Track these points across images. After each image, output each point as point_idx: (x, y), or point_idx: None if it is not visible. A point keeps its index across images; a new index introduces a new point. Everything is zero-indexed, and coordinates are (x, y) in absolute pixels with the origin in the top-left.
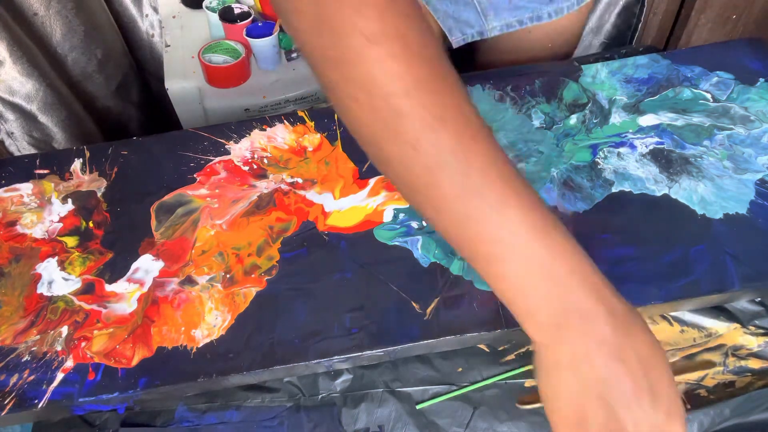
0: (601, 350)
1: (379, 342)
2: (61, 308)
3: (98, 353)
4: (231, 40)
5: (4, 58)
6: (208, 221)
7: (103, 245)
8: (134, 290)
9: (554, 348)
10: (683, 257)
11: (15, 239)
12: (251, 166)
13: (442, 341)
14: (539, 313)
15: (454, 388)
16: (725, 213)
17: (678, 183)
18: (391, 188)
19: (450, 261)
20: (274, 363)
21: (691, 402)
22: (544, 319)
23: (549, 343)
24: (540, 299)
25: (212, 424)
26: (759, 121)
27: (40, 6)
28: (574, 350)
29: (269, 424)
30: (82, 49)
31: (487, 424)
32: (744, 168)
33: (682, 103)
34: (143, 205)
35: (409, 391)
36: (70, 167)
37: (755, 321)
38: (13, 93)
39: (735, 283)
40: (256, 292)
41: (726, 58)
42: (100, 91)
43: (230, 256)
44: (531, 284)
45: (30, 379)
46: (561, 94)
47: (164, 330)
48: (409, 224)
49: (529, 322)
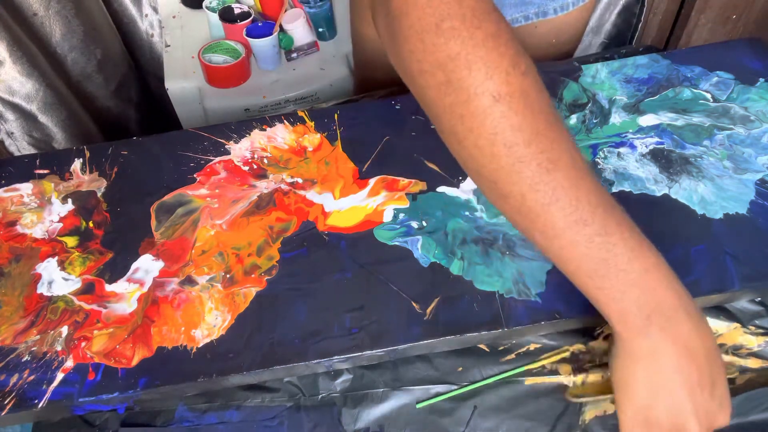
0: (677, 346)
1: (379, 342)
2: (61, 308)
3: (98, 353)
4: (231, 40)
5: (4, 58)
6: (208, 221)
7: (103, 245)
8: (134, 290)
9: (636, 341)
10: (683, 257)
11: (15, 239)
12: (251, 166)
13: (442, 341)
14: (629, 314)
15: (454, 388)
16: (725, 213)
17: (678, 183)
18: (391, 188)
19: (450, 261)
20: (274, 363)
21: None
22: (632, 319)
23: (633, 338)
24: (631, 303)
25: (212, 423)
26: (759, 121)
27: (39, 6)
28: (654, 345)
29: (269, 423)
30: (82, 50)
31: (488, 423)
32: (744, 168)
33: (682, 103)
34: (143, 205)
35: (409, 391)
36: (70, 167)
37: (755, 321)
38: (13, 93)
39: (735, 283)
40: (256, 292)
41: (726, 58)
42: (100, 91)
43: (230, 256)
44: (626, 292)
45: (30, 379)
46: (561, 94)
47: (164, 330)
48: (409, 224)
49: (619, 320)
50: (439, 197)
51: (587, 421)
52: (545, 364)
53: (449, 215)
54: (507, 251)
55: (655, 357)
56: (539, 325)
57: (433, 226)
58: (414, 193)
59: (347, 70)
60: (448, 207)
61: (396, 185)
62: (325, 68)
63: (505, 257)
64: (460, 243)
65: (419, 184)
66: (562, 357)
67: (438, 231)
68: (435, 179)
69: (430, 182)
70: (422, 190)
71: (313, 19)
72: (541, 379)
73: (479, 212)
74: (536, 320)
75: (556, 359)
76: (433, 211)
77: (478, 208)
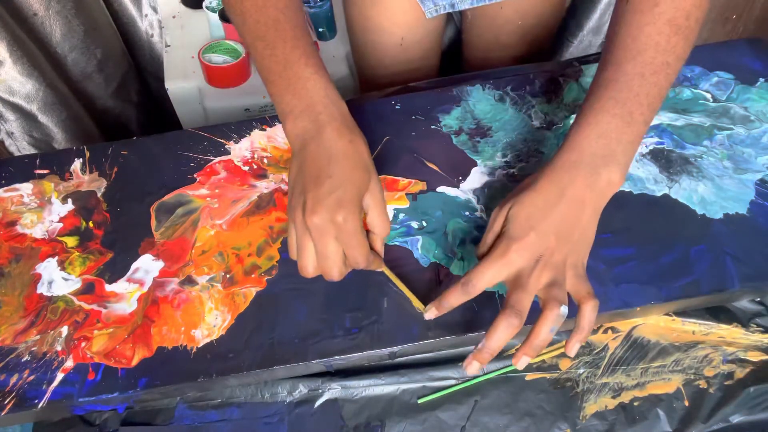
0: None
1: (379, 342)
2: (61, 308)
3: (98, 353)
4: (231, 40)
5: (4, 58)
6: (208, 221)
7: (103, 245)
8: (134, 290)
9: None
10: (683, 257)
11: (15, 239)
12: (251, 166)
13: (442, 341)
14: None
15: (455, 383)
16: (725, 213)
17: (678, 183)
18: (391, 188)
19: (450, 261)
20: (274, 363)
21: (690, 397)
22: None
23: (285, 128)
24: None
25: (213, 421)
26: (759, 121)
27: (39, 6)
28: None
29: (270, 420)
30: (82, 49)
31: (488, 417)
32: (744, 168)
33: (682, 103)
34: (143, 205)
35: (411, 386)
36: (70, 167)
37: (755, 320)
38: (13, 93)
39: (735, 283)
40: (256, 292)
41: (726, 58)
42: (100, 91)
43: (230, 256)
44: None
45: (30, 379)
46: (561, 94)
47: (164, 330)
48: (409, 224)
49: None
50: (439, 197)
51: (587, 415)
52: (545, 358)
53: (449, 215)
54: None
55: None
56: None
57: (433, 226)
58: (414, 193)
59: (347, 70)
60: (448, 207)
61: (396, 185)
62: None
63: None
64: (460, 243)
65: (419, 184)
66: (562, 352)
67: (438, 231)
68: (435, 179)
69: (430, 182)
70: (422, 190)
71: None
72: (542, 374)
73: (479, 212)
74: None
75: (556, 354)
76: (433, 211)
77: (478, 208)
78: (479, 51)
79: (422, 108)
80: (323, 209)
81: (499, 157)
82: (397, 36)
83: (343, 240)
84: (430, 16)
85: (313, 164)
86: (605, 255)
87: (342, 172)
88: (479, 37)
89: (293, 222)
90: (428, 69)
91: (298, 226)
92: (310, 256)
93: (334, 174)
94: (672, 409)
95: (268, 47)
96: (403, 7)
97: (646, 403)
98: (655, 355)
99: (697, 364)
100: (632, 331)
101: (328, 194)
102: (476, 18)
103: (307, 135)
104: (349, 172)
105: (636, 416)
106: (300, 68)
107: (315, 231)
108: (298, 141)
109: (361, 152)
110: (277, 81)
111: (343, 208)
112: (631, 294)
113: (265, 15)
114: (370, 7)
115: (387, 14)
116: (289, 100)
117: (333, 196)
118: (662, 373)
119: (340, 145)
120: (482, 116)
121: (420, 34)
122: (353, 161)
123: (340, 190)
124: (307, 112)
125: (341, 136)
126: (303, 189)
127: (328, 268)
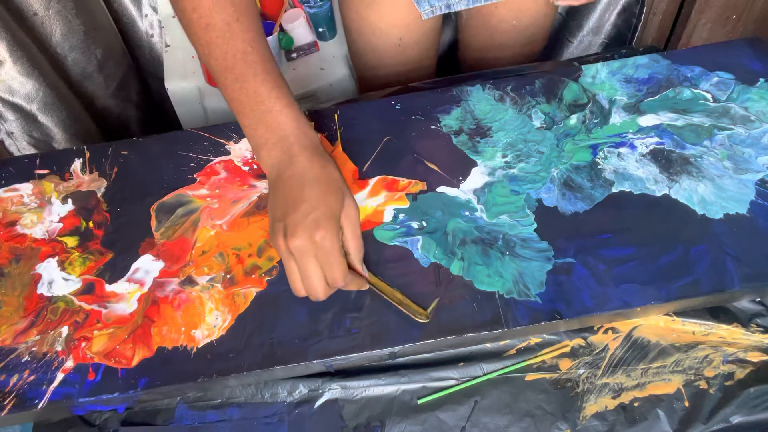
0: None
1: (379, 342)
2: (61, 308)
3: (98, 353)
4: None
5: (4, 58)
6: (208, 221)
7: (103, 245)
8: (134, 290)
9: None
10: (683, 257)
11: (15, 239)
12: (251, 166)
13: (442, 341)
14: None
15: (455, 383)
16: (725, 213)
17: (678, 183)
18: (391, 188)
19: (450, 261)
20: (274, 363)
21: (691, 398)
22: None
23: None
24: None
25: (213, 421)
26: (759, 121)
27: (40, 6)
28: None
29: (270, 420)
30: (82, 49)
31: (488, 418)
32: (744, 168)
33: (682, 103)
34: (143, 205)
35: (411, 386)
36: (70, 167)
37: (755, 321)
38: (13, 93)
39: (735, 283)
40: (256, 292)
41: (726, 58)
42: (100, 91)
43: (230, 256)
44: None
45: (30, 379)
46: (561, 94)
47: (164, 330)
48: (409, 224)
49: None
50: (439, 197)
51: (588, 416)
52: (545, 359)
53: (449, 215)
54: (507, 251)
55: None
56: (539, 326)
57: (433, 226)
58: (414, 193)
59: (347, 70)
60: (448, 207)
61: (396, 185)
62: (325, 68)
63: (505, 257)
64: (460, 243)
65: (419, 184)
66: (563, 352)
67: (438, 231)
68: (435, 179)
69: (430, 182)
70: (422, 190)
71: (313, 19)
72: (542, 374)
73: (479, 212)
74: (536, 320)
75: (556, 354)
76: (433, 211)
77: (478, 208)
78: (475, 51)
79: (422, 108)
80: (302, 231)
81: (499, 157)
82: (394, 37)
83: (321, 259)
84: (426, 17)
85: (289, 191)
86: (605, 255)
87: (316, 195)
88: (474, 37)
89: (277, 248)
90: (426, 70)
91: (281, 251)
92: (297, 278)
93: (309, 198)
94: (672, 409)
95: (238, 80)
96: (399, 9)
97: (647, 404)
98: (655, 355)
99: (697, 364)
100: (632, 331)
101: (305, 216)
102: (471, 18)
103: (281, 165)
104: (323, 195)
105: (636, 417)
106: (272, 102)
107: (296, 253)
108: (274, 171)
109: (334, 176)
110: (249, 114)
111: (320, 228)
112: (631, 294)
113: (233, 47)
114: (367, 8)
115: (383, 15)
116: (263, 133)
117: (310, 218)
118: (662, 373)
119: (312, 172)
120: (482, 116)
121: (417, 34)
122: (326, 185)
123: (317, 211)
124: (280, 143)
125: (313, 163)
126: (282, 215)
127: (312, 288)
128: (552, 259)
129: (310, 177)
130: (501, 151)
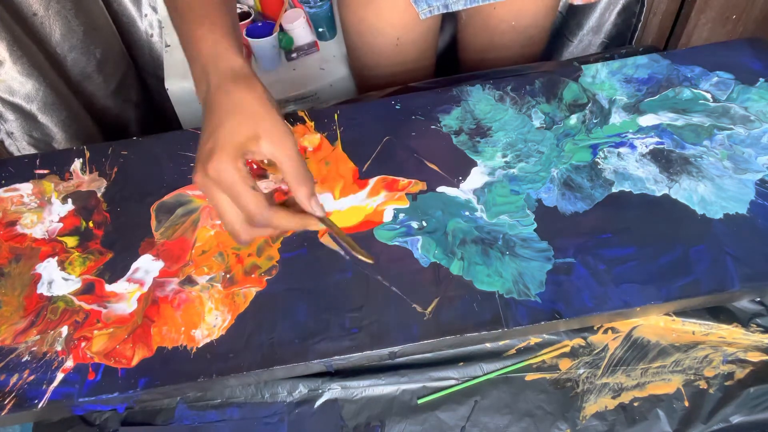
0: None
1: (379, 342)
2: (61, 308)
3: (98, 353)
4: None
5: (4, 58)
6: (208, 221)
7: (103, 245)
8: (134, 290)
9: None
10: (683, 257)
11: (15, 239)
12: (251, 166)
13: (442, 341)
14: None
15: (455, 383)
16: (725, 213)
17: (678, 183)
18: (391, 188)
19: (450, 261)
20: (274, 363)
21: (691, 398)
22: None
23: None
24: None
25: (213, 421)
26: (759, 121)
27: (39, 6)
28: None
29: (270, 420)
30: (82, 49)
31: (488, 417)
32: (744, 168)
33: (682, 103)
34: (143, 205)
35: (411, 386)
36: (70, 167)
37: (755, 320)
38: (13, 93)
39: (735, 283)
40: (256, 292)
41: (726, 58)
42: (100, 91)
43: (230, 256)
44: None
45: (30, 379)
46: (561, 94)
47: (164, 330)
48: (409, 224)
49: None
50: (439, 197)
51: (587, 416)
52: (545, 359)
53: (449, 215)
54: (507, 251)
55: None
56: (539, 326)
57: (433, 226)
58: (414, 193)
59: (347, 70)
60: (448, 207)
61: (396, 185)
62: (325, 68)
63: (505, 257)
64: (460, 243)
65: (419, 184)
66: (562, 352)
67: (438, 231)
68: (435, 179)
69: (430, 182)
70: (422, 190)
71: (313, 19)
72: (542, 374)
73: (479, 212)
74: (536, 320)
75: (556, 354)
76: (433, 211)
77: (478, 208)
78: (474, 52)
79: (422, 108)
80: (198, 165)
81: (499, 157)
82: (392, 37)
83: (228, 194)
84: (423, 17)
85: (203, 130)
86: (605, 255)
87: (215, 124)
88: (473, 37)
89: None
90: (424, 70)
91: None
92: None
93: (207, 128)
94: (672, 409)
95: (190, 29)
96: (397, 8)
97: (646, 404)
98: (655, 355)
99: (697, 364)
100: (632, 331)
101: (201, 149)
102: (470, 18)
103: (204, 102)
104: (222, 122)
105: (636, 417)
106: (205, 42)
107: (202, 191)
108: (201, 106)
109: (246, 99)
110: (190, 59)
111: (212, 159)
112: (631, 294)
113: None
114: (364, 8)
115: (381, 15)
116: (195, 71)
117: (206, 149)
118: (662, 373)
119: (218, 99)
120: (482, 116)
121: (415, 34)
122: (228, 110)
123: (211, 140)
124: (203, 77)
125: (219, 90)
126: None
127: (228, 228)
128: (552, 259)
129: (215, 105)
130: (501, 151)
